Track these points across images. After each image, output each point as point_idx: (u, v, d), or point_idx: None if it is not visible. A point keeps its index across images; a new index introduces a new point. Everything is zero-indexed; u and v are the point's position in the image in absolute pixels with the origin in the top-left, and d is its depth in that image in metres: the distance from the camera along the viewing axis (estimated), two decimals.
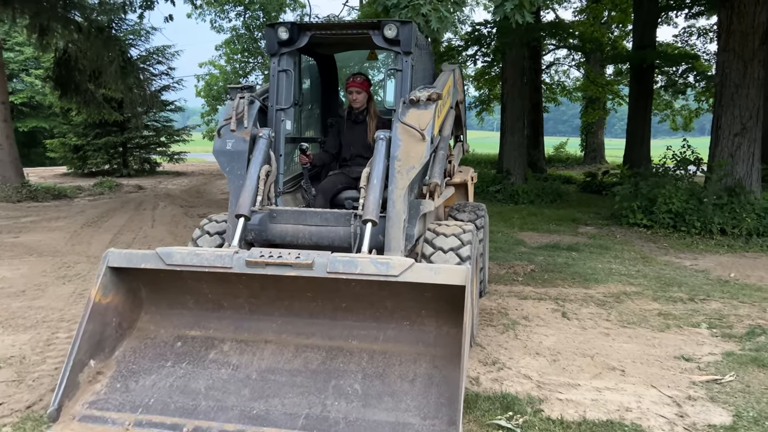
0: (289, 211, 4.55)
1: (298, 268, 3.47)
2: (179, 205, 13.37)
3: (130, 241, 9.23)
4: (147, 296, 3.95)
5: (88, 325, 3.51)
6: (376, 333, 3.74)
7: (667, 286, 6.90)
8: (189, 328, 3.92)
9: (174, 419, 3.36)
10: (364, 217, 4.01)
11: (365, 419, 3.27)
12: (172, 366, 3.69)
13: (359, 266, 3.41)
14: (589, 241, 9.81)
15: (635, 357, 4.71)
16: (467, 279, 3.31)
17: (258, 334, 3.83)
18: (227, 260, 3.53)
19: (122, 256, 3.64)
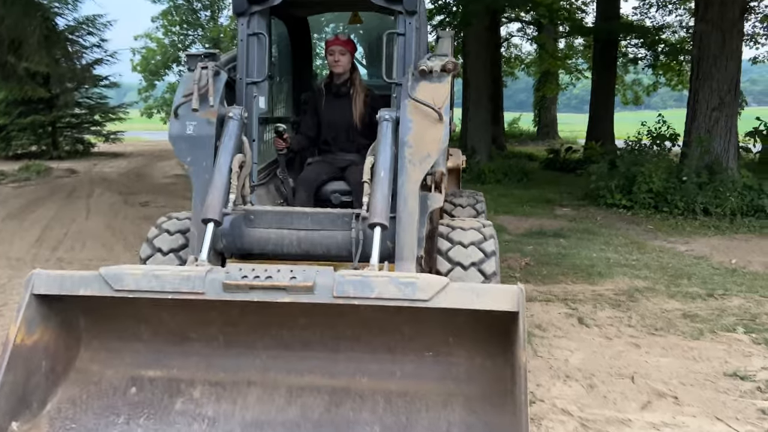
0: (270, 212, 3.59)
1: (294, 293, 2.61)
2: (118, 192, 12.04)
3: (60, 237, 8.01)
4: (87, 328, 2.98)
5: (6, 375, 2.56)
6: (391, 368, 2.89)
7: (676, 279, 6.27)
8: (146, 367, 2.98)
9: None
10: (372, 219, 3.14)
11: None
12: (125, 423, 2.79)
13: (376, 288, 2.59)
14: (571, 225, 9.18)
15: (681, 376, 3.99)
16: (520, 303, 2.53)
17: (237, 374, 2.92)
18: (197, 284, 2.65)
19: (53, 280, 2.71)
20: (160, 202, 10.64)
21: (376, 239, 3.11)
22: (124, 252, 7.17)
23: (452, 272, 3.59)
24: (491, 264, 3.63)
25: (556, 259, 6.98)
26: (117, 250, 7.26)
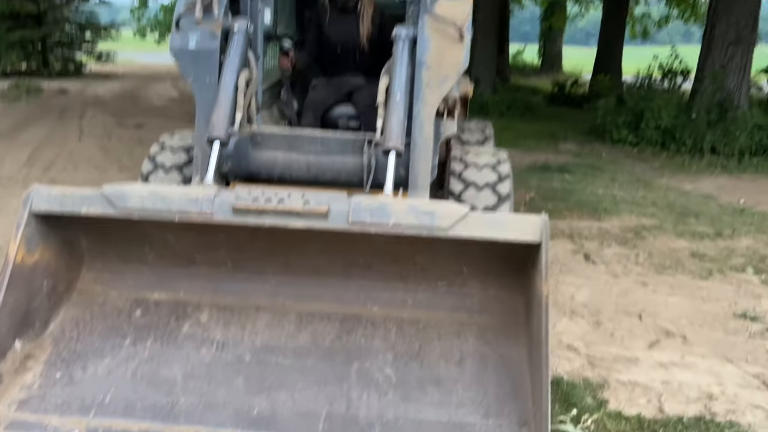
0: (278, 135, 3.40)
1: (308, 218, 2.48)
2: (111, 114, 11.68)
3: (52, 158, 7.77)
4: (89, 248, 2.86)
5: (8, 294, 2.47)
6: (403, 296, 2.83)
7: (683, 217, 6.14)
8: (150, 289, 2.87)
9: (143, 425, 2.40)
10: (387, 144, 2.95)
11: (407, 419, 2.43)
12: (132, 345, 2.69)
13: (393, 216, 2.46)
14: (576, 161, 8.98)
15: (689, 316, 3.90)
16: (544, 234, 2.40)
17: (246, 299, 2.84)
18: (206, 205, 2.51)
19: (53, 197, 2.56)
20: (154, 125, 10.33)
21: (391, 166, 2.93)
22: (119, 175, 6.96)
23: (465, 192, 3.51)
24: (505, 186, 3.53)
25: (561, 195, 6.83)
26: (111, 173, 7.05)
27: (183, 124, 10.74)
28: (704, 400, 3.01)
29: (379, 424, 2.43)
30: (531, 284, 2.55)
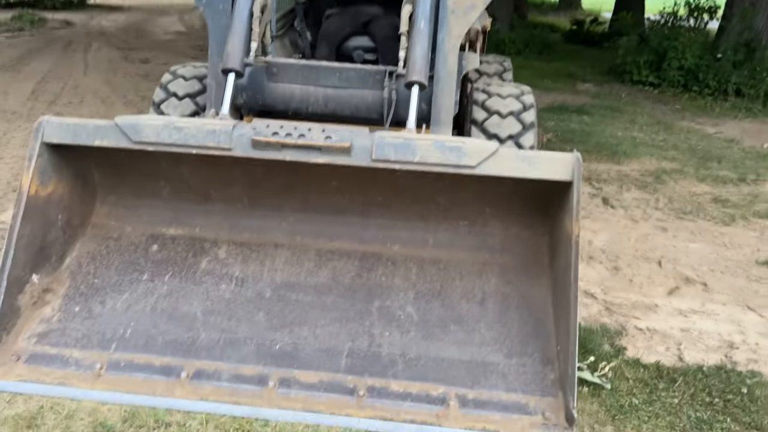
0: (295, 66, 3.24)
1: (329, 154, 2.40)
2: (116, 47, 11.39)
3: (57, 92, 7.60)
4: (102, 182, 2.81)
5: (23, 227, 2.43)
6: (423, 236, 2.79)
7: (705, 161, 5.94)
8: (166, 225, 2.84)
9: (164, 359, 2.42)
10: (410, 77, 2.80)
11: (430, 357, 2.44)
12: (150, 280, 2.68)
13: (418, 152, 2.38)
14: (595, 102, 8.69)
15: (710, 262, 3.79)
16: (576, 172, 2.32)
17: (263, 236, 2.81)
18: (224, 138, 2.42)
19: (65, 128, 2.48)
20: (160, 60, 10.07)
21: (414, 99, 2.78)
22: (124, 110, 6.80)
23: (489, 120, 3.45)
24: (530, 137, 3.39)
25: (579, 137, 6.61)
26: (117, 108, 6.89)
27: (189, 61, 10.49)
28: (725, 348, 2.94)
29: (401, 361, 2.43)
30: (558, 224, 2.50)
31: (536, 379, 2.36)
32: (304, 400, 2.32)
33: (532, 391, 2.33)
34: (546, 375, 2.37)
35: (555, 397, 2.30)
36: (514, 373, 2.38)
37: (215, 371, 2.39)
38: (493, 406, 2.30)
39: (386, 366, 2.41)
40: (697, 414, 2.48)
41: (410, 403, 2.31)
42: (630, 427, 2.39)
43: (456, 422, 2.26)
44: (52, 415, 2.27)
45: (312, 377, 2.38)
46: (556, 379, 2.34)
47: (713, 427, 2.41)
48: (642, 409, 2.49)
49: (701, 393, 2.61)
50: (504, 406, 2.30)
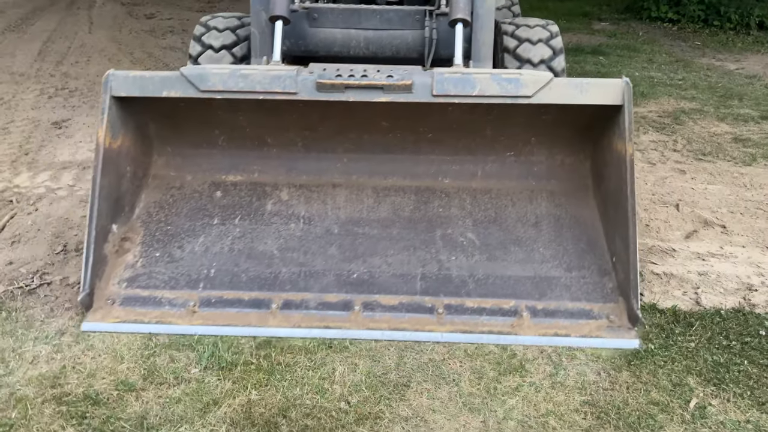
0: (336, 10, 3.34)
1: (391, 92, 2.53)
2: (121, 3, 11.18)
3: (64, 51, 7.52)
4: (157, 134, 2.92)
5: (103, 178, 2.57)
6: (472, 168, 3.00)
7: (725, 99, 5.77)
8: (224, 172, 3.00)
9: (252, 293, 2.61)
10: (454, 15, 2.97)
11: (497, 275, 2.67)
12: (221, 223, 2.85)
13: (478, 86, 2.53)
14: (611, 42, 8.43)
15: (729, 204, 3.72)
16: (626, 96, 2.52)
17: (321, 177, 3.00)
18: (289, 83, 2.55)
19: (131, 80, 2.60)
20: (165, 14, 9.91)
21: (459, 36, 2.94)
22: (132, 67, 6.73)
23: (521, 47, 3.59)
24: (560, 61, 3.58)
25: (595, 78, 6.43)
26: (124, 65, 6.82)
27: (195, 15, 10.29)
28: (743, 291, 2.90)
29: (471, 281, 2.64)
30: (605, 147, 2.69)
31: (597, 289, 2.61)
32: (388, 321, 2.53)
33: (594, 299, 2.58)
34: (605, 284, 2.62)
35: (616, 302, 2.56)
36: (575, 285, 2.62)
37: (302, 301, 2.57)
38: (561, 314, 2.54)
39: (458, 286, 2.62)
40: (714, 357, 2.47)
41: (486, 317, 2.53)
42: (646, 372, 2.39)
43: (530, 330, 2.50)
44: (74, 375, 2.32)
45: (392, 300, 2.58)
46: (615, 288, 2.59)
47: (730, 370, 2.41)
48: (658, 353, 2.48)
49: (718, 336, 2.59)
50: (571, 313, 2.54)
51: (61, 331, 2.54)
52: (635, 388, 2.31)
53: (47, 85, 5.97)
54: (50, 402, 2.19)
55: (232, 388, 2.27)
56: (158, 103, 2.64)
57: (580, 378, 2.36)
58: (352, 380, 2.32)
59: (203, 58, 3.61)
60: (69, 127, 4.85)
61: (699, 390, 2.31)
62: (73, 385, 2.27)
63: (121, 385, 2.27)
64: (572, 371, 2.39)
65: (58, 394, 2.23)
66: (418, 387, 2.30)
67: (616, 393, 2.30)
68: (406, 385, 2.30)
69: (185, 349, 2.45)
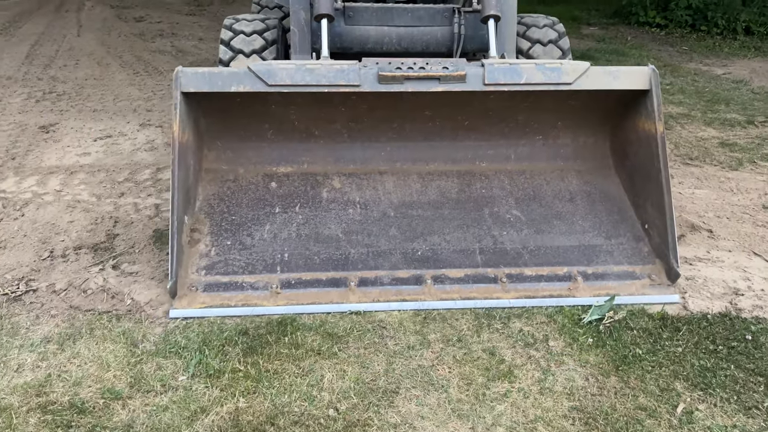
0: (370, 9, 3.53)
1: (447, 82, 2.73)
2: (110, 6, 11.15)
3: (52, 54, 7.48)
4: (208, 128, 3.02)
5: (180, 171, 2.67)
6: (505, 152, 3.25)
7: (713, 104, 5.82)
8: (275, 164, 3.15)
9: (328, 274, 2.78)
10: (486, 12, 3.19)
11: (547, 246, 2.95)
12: (283, 211, 3.01)
13: (524, 75, 2.78)
14: (600, 46, 8.50)
15: (716, 209, 3.75)
16: (653, 81, 2.80)
17: (367, 165, 3.19)
18: (352, 76, 2.71)
19: (199, 77, 2.69)
20: (155, 18, 9.88)
21: (492, 31, 3.14)
22: (121, 71, 6.71)
23: (533, 49, 3.82)
24: (566, 41, 3.86)
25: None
26: (113, 69, 6.79)
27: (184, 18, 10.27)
28: (730, 296, 2.92)
29: (525, 252, 2.91)
30: (630, 127, 2.97)
31: (635, 253, 2.92)
32: (459, 291, 2.76)
33: (635, 262, 2.89)
34: (641, 249, 2.94)
35: (654, 264, 2.89)
36: (617, 250, 2.93)
37: (376, 278, 2.78)
38: (609, 277, 2.84)
39: (515, 257, 2.88)
40: (701, 362, 2.48)
41: (545, 283, 2.81)
42: (634, 377, 2.40)
43: (585, 292, 2.80)
44: (60, 383, 2.29)
45: (458, 273, 2.81)
46: (650, 251, 2.91)
47: (717, 375, 2.42)
48: (645, 358, 2.49)
49: (705, 341, 2.60)
50: (617, 275, 2.85)
51: (47, 338, 2.52)
52: (623, 394, 2.32)
53: (35, 89, 5.93)
54: (35, 411, 2.17)
55: (219, 395, 2.25)
56: (212, 98, 2.74)
57: (569, 384, 2.36)
58: (340, 387, 2.31)
59: (236, 62, 3.73)
60: (56, 131, 4.82)
61: (686, 395, 2.32)
62: (59, 394, 2.25)
63: (108, 394, 2.25)
64: (560, 377, 2.40)
65: (43, 403, 2.20)
66: (407, 393, 2.29)
67: (604, 398, 2.30)
68: (394, 392, 2.30)
69: (172, 357, 2.43)
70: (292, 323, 2.61)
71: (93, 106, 5.45)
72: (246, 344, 2.50)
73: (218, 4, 11.30)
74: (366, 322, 2.64)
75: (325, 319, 2.65)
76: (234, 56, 3.75)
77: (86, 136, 4.72)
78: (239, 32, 3.83)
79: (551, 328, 2.64)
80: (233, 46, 3.78)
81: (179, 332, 2.56)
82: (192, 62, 7.04)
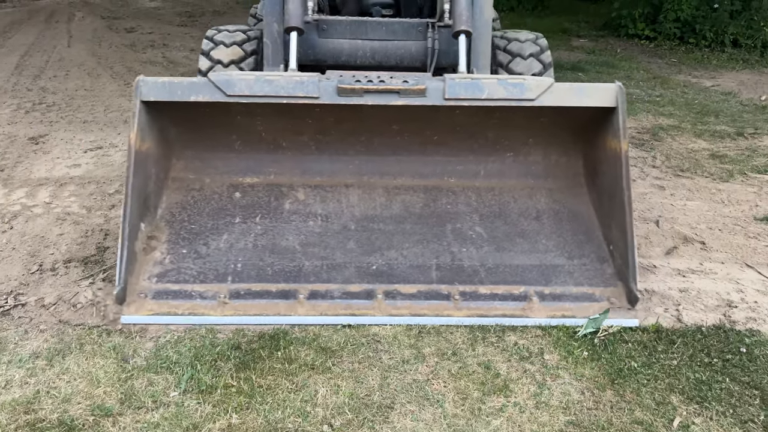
0: (344, 22, 3.52)
1: (407, 96, 2.70)
2: (100, 16, 11.13)
3: (42, 65, 7.44)
4: (178, 138, 3.03)
5: (135, 179, 2.68)
6: (475, 168, 3.19)
7: (702, 116, 5.87)
8: (241, 174, 3.15)
9: (279, 285, 2.75)
10: (457, 27, 3.15)
11: (506, 264, 2.88)
12: (243, 221, 3.01)
13: (486, 90, 2.73)
14: (590, 58, 8.55)
15: (708, 220, 3.76)
16: (619, 98, 2.72)
17: (334, 177, 3.17)
18: (311, 88, 2.71)
19: (159, 86, 2.71)
20: (146, 29, 9.86)
21: (463, 46, 3.11)
22: (111, 81, 6.68)
23: (513, 62, 3.78)
24: (547, 55, 3.82)
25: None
26: (103, 80, 6.76)
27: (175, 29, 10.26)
28: (723, 308, 2.92)
29: (483, 270, 2.83)
30: (599, 145, 2.88)
31: (597, 274, 2.84)
32: (409, 307, 2.70)
33: (596, 284, 2.81)
34: (604, 270, 2.85)
35: (615, 286, 2.79)
36: (578, 271, 2.84)
37: (327, 291, 2.73)
38: (566, 298, 2.75)
39: (471, 275, 2.81)
40: (696, 375, 2.48)
41: (498, 302, 2.73)
42: (629, 391, 2.39)
43: (540, 313, 2.71)
44: (49, 399, 2.25)
45: (411, 289, 2.76)
46: (613, 273, 2.82)
47: (712, 388, 2.41)
48: (641, 372, 2.48)
49: (700, 354, 2.60)
50: (575, 297, 2.76)
51: (36, 354, 2.48)
52: (619, 407, 2.31)
53: (24, 100, 5.89)
54: (23, 428, 2.12)
55: (212, 411, 2.22)
56: (180, 108, 2.74)
57: (564, 397, 2.35)
58: (334, 402, 2.28)
59: (214, 72, 3.67)
60: (46, 142, 4.78)
61: (682, 408, 2.31)
62: (48, 411, 2.20)
63: (98, 410, 2.21)
64: (556, 390, 2.38)
65: (31, 420, 2.16)
66: (402, 408, 2.27)
67: (600, 412, 2.29)
68: (389, 407, 2.27)
69: (163, 372, 2.39)
70: (285, 337, 2.59)
71: (83, 117, 5.41)
72: (238, 359, 2.47)
73: (210, 16, 11.30)
74: (360, 336, 2.62)
75: (319, 332, 2.63)
76: (212, 66, 3.75)
77: (76, 148, 4.68)
78: (219, 43, 3.83)
79: (546, 342, 2.63)
80: (212, 56, 3.78)
81: (170, 347, 2.52)
82: (183, 73, 7.02)
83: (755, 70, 8.13)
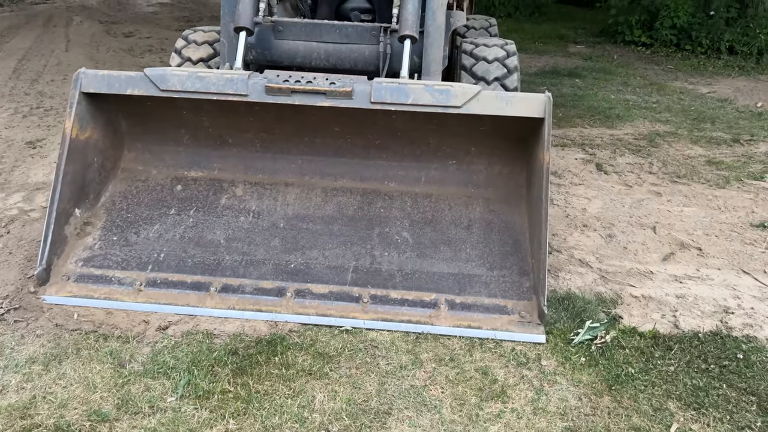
0: (299, 24, 3.53)
1: (333, 97, 2.76)
2: (99, 21, 11.12)
3: (40, 69, 7.43)
4: (129, 130, 3.18)
5: (67, 166, 2.81)
6: (416, 174, 3.20)
7: (699, 123, 5.89)
8: (187, 168, 3.24)
9: (195, 277, 2.83)
10: (402, 32, 3.17)
11: (423, 271, 2.87)
12: (177, 214, 3.10)
13: (411, 95, 2.74)
14: (587, 65, 8.58)
15: (705, 227, 3.77)
16: (547, 110, 2.69)
17: (275, 176, 3.22)
18: (240, 86, 2.78)
19: (99, 78, 2.84)
20: (144, 33, 9.86)
21: (406, 52, 3.12)
22: None
23: (476, 66, 3.73)
24: (514, 79, 3.70)
25: (571, 101, 6.53)
26: None
27: (174, 34, 10.25)
28: (720, 314, 2.93)
29: (399, 275, 2.84)
30: (533, 158, 2.85)
31: (514, 287, 2.80)
32: (317, 307, 2.73)
33: (510, 296, 2.77)
34: (522, 283, 2.81)
35: (530, 300, 2.74)
36: (495, 283, 2.82)
37: (239, 285, 2.79)
38: (476, 308, 2.73)
39: (386, 279, 2.82)
40: (693, 381, 2.48)
41: (407, 307, 2.73)
42: (627, 397, 2.39)
43: (445, 321, 2.69)
44: (45, 405, 2.24)
45: (323, 289, 2.78)
46: (531, 287, 2.78)
47: (709, 394, 2.42)
48: (638, 378, 2.49)
49: (697, 360, 2.60)
50: (486, 308, 2.73)
51: (32, 359, 2.47)
52: (616, 414, 2.31)
53: (22, 104, 5.88)
54: None
55: (209, 417, 2.22)
56: (130, 102, 2.86)
57: (562, 403, 2.35)
58: (332, 408, 2.28)
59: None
60: (43, 147, 4.77)
61: (679, 414, 2.32)
62: (44, 416, 2.20)
63: (94, 416, 2.20)
64: (554, 396, 2.38)
65: (28, 426, 2.15)
66: (400, 414, 2.27)
67: (598, 418, 2.29)
68: (387, 413, 2.27)
69: (160, 377, 2.39)
70: (282, 342, 2.59)
71: None
72: (235, 364, 2.46)
73: (207, 20, 11.31)
74: (357, 341, 2.62)
75: (316, 338, 2.63)
76: (182, 63, 3.83)
77: None
78: (192, 41, 3.90)
79: (544, 347, 2.63)
80: (183, 54, 3.85)
81: (167, 352, 2.52)
82: None
83: (751, 77, 8.18)
